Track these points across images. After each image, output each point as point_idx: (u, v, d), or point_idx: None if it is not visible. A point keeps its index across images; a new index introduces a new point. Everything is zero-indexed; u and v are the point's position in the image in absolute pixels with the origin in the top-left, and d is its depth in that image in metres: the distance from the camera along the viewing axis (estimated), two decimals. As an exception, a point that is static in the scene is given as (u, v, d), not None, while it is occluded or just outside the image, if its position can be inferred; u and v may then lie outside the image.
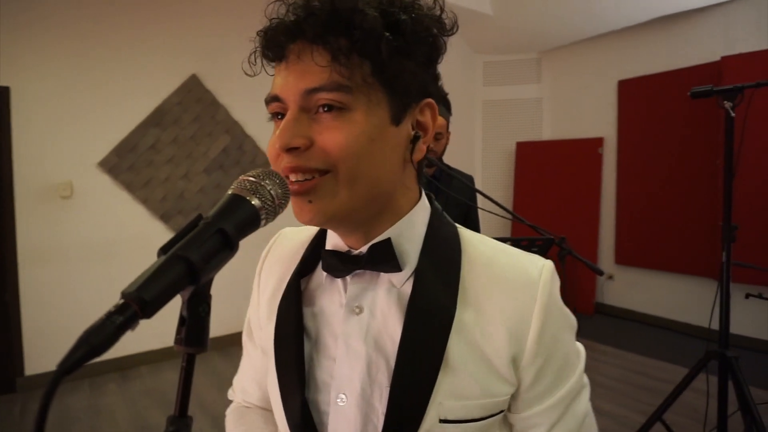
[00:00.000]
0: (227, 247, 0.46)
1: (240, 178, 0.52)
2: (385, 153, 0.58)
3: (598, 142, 5.36)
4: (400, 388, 0.57)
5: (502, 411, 0.62)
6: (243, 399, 0.85)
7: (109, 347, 0.36)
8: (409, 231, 0.63)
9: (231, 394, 0.88)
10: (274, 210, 0.52)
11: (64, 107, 3.54)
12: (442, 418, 0.57)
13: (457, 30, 0.63)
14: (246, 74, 0.66)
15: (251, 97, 4.32)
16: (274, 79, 0.61)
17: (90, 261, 3.67)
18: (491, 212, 2.01)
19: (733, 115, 1.99)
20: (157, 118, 3.88)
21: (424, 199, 0.67)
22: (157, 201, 3.92)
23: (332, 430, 0.61)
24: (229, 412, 0.84)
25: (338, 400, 0.61)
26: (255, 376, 0.81)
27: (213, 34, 4.14)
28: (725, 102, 2.00)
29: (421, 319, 0.59)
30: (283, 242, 0.81)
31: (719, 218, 4.18)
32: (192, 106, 4.04)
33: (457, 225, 0.69)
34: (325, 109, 0.55)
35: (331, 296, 0.66)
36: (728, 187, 2.05)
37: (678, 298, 4.67)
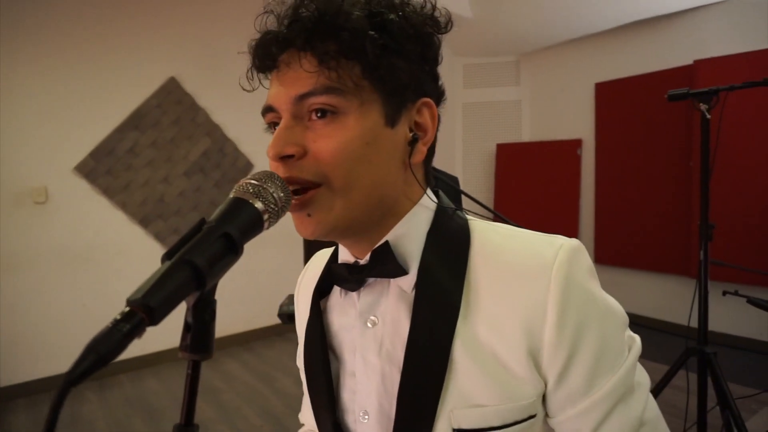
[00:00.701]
0: (232, 251, 0.45)
1: (241, 181, 0.51)
2: (381, 156, 0.57)
3: (576, 144, 5.44)
4: (408, 397, 0.55)
5: (532, 417, 0.55)
6: (306, 424, 0.84)
7: (116, 356, 0.35)
8: (411, 231, 0.61)
9: (301, 417, 0.87)
10: (276, 213, 0.51)
11: (38, 110, 3.45)
12: (456, 427, 0.54)
13: (451, 27, 0.62)
14: (244, 89, 0.65)
15: (232, 100, 4.29)
16: (269, 90, 0.61)
17: (67, 268, 3.59)
18: (476, 213, 2.02)
19: (708, 117, 2.04)
20: (135, 121, 3.81)
21: (426, 198, 0.64)
22: (136, 205, 3.85)
23: None
24: None
25: (362, 419, 0.60)
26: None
27: (193, 36, 4.09)
28: (701, 104, 2.04)
29: (425, 320, 0.56)
30: (313, 265, 0.79)
31: (694, 218, 4.29)
32: (171, 109, 3.98)
33: (471, 217, 0.66)
34: (318, 115, 0.55)
35: (347, 311, 0.65)
36: (705, 187, 2.10)
37: (656, 296, 4.77)
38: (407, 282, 0.59)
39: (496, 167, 5.98)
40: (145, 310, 0.38)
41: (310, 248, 4.83)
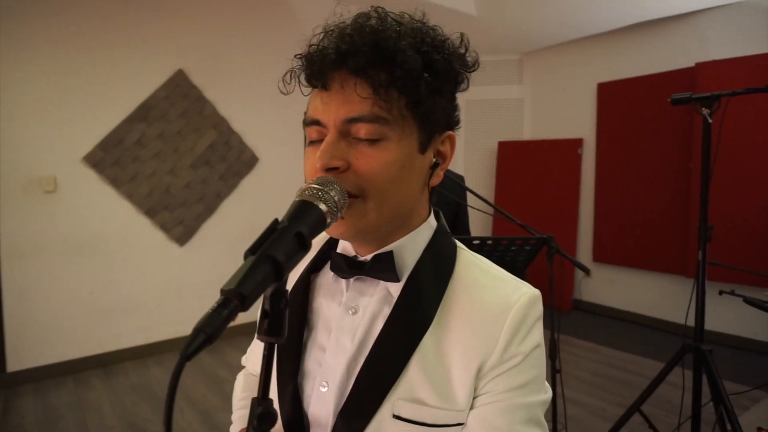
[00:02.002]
0: (303, 248, 0.51)
1: (303, 186, 0.57)
2: (412, 178, 0.65)
3: (577, 143, 5.50)
4: (365, 379, 0.63)
5: (460, 424, 0.63)
6: (252, 369, 0.93)
7: (219, 335, 0.41)
8: (411, 245, 0.69)
9: (244, 360, 0.96)
10: (336, 213, 0.57)
11: (48, 101, 3.49)
12: (395, 414, 0.61)
13: (478, 67, 0.70)
14: (282, 93, 0.70)
15: (238, 94, 4.33)
16: (311, 103, 0.66)
17: (74, 256, 3.64)
18: (480, 210, 2.09)
19: (710, 121, 2.09)
20: (143, 113, 3.85)
21: (432, 218, 0.73)
22: (142, 196, 3.90)
23: (312, 412, 0.67)
24: (239, 376, 0.94)
25: (321, 387, 0.67)
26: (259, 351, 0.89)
27: (200, 29, 4.12)
28: (703, 109, 2.10)
29: (400, 323, 0.65)
30: None
31: (692, 218, 4.36)
32: (179, 102, 4.02)
33: (461, 246, 0.74)
34: (362, 138, 0.61)
35: (333, 294, 0.72)
36: (705, 189, 2.16)
37: (653, 294, 4.84)
38: (395, 287, 0.67)
39: (497, 165, 6.04)
40: (238, 297, 0.43)
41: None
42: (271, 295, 0.49)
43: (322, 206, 0.55)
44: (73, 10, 3.53)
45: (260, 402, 0.48)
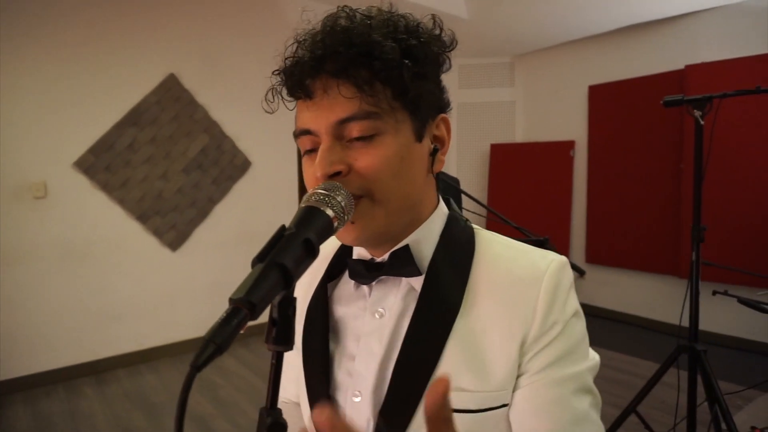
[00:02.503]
0: (311, 255, 0.50)
1: (309, 192, 0.57)
2: (413, 169, 0.64)
3: (569, 145, 5.53)
4: (400, 377, 0.62)
5: (504, 405, 0.61)
6: (283, 396, 0.89)
7: (230, 345, 0.40)
8: (426, 236, 0.68)
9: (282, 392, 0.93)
10: (343, 219, 0.56)
11: (37, 106, 3.45)
12: None
13: (456, 45, 0.69)
14: (266, 112, 0.70)
15: (230, 98, 4.32)
16: (298, 114, 0.65)
17: (65, 262, 3.60)
18: (475, 213, 2.09)
19: (702, 123, 2.11)
20: (134, 118, 3.82)
21: (442, 206, 0.72)
22: (134, 201, 3.87)
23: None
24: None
25: (354, 398, 0.65)
26: (292, 373, 0.86)
27: (192, 33, 4.10)
28: (695, 111, 2.11)
29: (427, 314, 0.63)
30: None
31: (684, 219, 4.39)
32: (170, 106, 4.00)
33: (477, 227, 0.73)
34: (357, 138, 0.60)
35: (356, 301, 0.70)
36: (697, 190, 2.17)
37: (646, 295, 4.87)
38: (418, 282, 0.66)
39: (490, 167, 6.05)
40: (248, 306, 0.42)
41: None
42: (279, 303, 0.48)
43: (329, 212, 0.54)
44: (63, 15, 3.50)
45: (269, 413, 0.47)
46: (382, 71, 0.59)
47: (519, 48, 5.69)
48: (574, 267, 2.04)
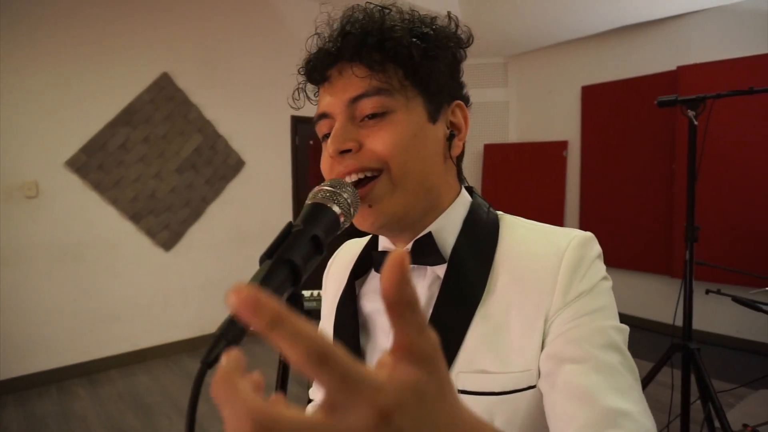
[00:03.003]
0: (319, 251, 0.50)
1: (315, 189, 0.57)
2: (428, 148, 0.65)
3: (562, 145, 5.55)
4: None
5: (531, 387, 0.59)
6: (316, 399, 0.89)
7: (241, 341, 0.40)
8: (449, 224, 0.68)
9: (311, 393, 0.92)
10: (349, 215, 0.56)
11: (29, 104, 3.42)
12: (460, 388, 0.60)
13: (472, 42, 0.70)
14: (291, 107, 0.72)
15: (224, 97, 4.30)
16: (319, 101, 0.68)
17: (57, 263, 3.57)
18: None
19: (696, 123, 2.12)
20: (127, 117, 3.80)
21: (464, 193, 0.73)
22: (127, 201, 3.84)
23: None
24: (309, 410, 0.90)
25: None
26: None
27: (186, 32, 4.08)
28: (689, 111, 2.13)
29: (449, 299, 0.64)
30: (343, 252, 0.86)
31: (677, 219, 4.43)
32: (163, 105, 3.97)
33: (502, 213, 0.73)
34: (370, 116, 0.62)
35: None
36: (691, 190, 2.19)
37: (639, 295, 4.90)
38: (443, 269, 0.66)
39: (483, 167, 6.07)
40: None
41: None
42: (288, 300, 0.47)
43: (336, 208, 0.54)
44: (56, 14, 3.47)
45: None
46: (393, 51, 0.62)
47: (512, 49, 5.72)
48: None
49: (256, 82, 4.47)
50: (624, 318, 0.61)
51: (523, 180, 5.79)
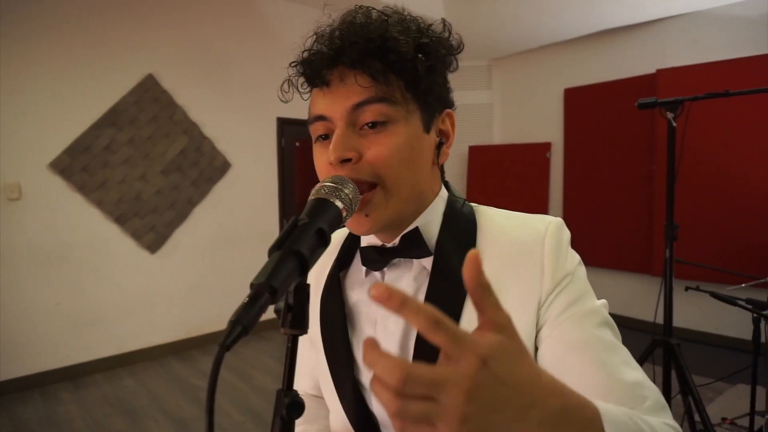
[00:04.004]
0: (324, 244, 0.53)
1: (318, 185, 0.59)
2: (421, 158, 0.67)
3: (545, 147, 5.64)
4: (422, 351, 0.65)
5: None
6: (298, 389, 0.92)
7: (254, 326, 0.42)
8: (431, 218, 0.71)
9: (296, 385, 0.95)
10: (351, 210, 0.59)
11: (12, 105, 3.38)
12: None
13: (462, 49, 0.73)
14: (281, 100, 0.74)
15: (209, 99, 4.29)
16: (313, 102, 0.69)
17: (40, 266, 3.53)
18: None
19: (674, 125, 2.19)
20: (112, 118, 3.77)
21: (443, 190, 0.76)
22: (112, 203, 3.81)
23: (377, 406, 0.69)
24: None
25: None
26: (305, 367, 0.88)
27: (171, 34, 4.07)
28: (668, 113, 2.19)
29: (441, 288, 0.67)
30: None
31: (656, 219, 4.53)
32: (149, 107, 3.95)
33: (475, 204, 0.77)
34: (370, 126, 0.64)
35: (369, 287, 0.73)
36: (670, 189, 2.25)
37: (621, 293, 4.99)
38: (429, 261, 0.69)
39: (468, 169, 6.13)
40: (269, 290, 0.45)
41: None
42: (295, 289, 0.50)
43: (338, 203, 0.57)
44: (38, 14, 3.43)
45: (286, 393, 0.49)
46: (397, 63, 0.63)
47: (496, 51, 5.79)
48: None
49: (242, 83, 4.47)
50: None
51: (507, 181, 5.86)
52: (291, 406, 0.48)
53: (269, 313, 4.82)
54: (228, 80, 4.39)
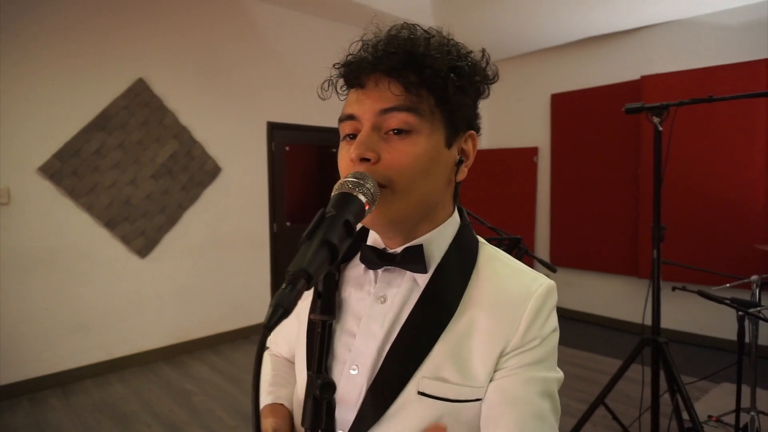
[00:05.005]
0: (350, 234, 0.56)
1: (340, 181, 0.62)
2: (438, 171, 0.71)
3: (533, 151, 5.72)
4: (393, 359, 0.69)
5: (478, 399, 0.68)
6: (275, 350, 0.97)
7: (293, 309, 0.45)
8: (439, 239, 0.74)
9: (268, 342, 0.99)
10: (373, 204, 0.62)
11: (1, 108, 3.35)
12: (420, 391, 0.67)
13: (497, 80, 0.77)
14: (320, 98, 0.77)
15: (200, 103, 4.29)
16: (348, 102, 0.72)
17: (29, 271, 3.49)
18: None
19: (660, 129, 2.25)
20: (102, 122, 3.75)
21: (456, 214, 0.79)
22: (102, 208, 3.79)
23: (341, 391, 0.72)
24: (265, 356, 0.97)
25: (351, 370, 0.72)
26: (286, 336, 0.93)
27: (161, 38, 4.06)
28: (654, 117, 2.25)
29: (427, 310, 0.70)
30: None
31: (642, 222, 4.62)
32: (139, 111, 3.94)
33: (482, 240, 0.80)
34: (395, 132, 0.67)
35: (362, 284, 0.77)
36: (657, 192, 2.31)
37: (608, 295, 5.07)
38: (422, 278, 0.73)
39: (457, 173, 6.18)
40: (305, 276, 0.48)
41: (277, 253, 4.84)
42: (324, 276, 0.53)
43: (362, 197, 0.60)
44: (28, 17, 3.42)
45: (318, 375, 0.52)
46: (430, 79, 0.67)
47: (484, 57, 5.86)
48: (545, 264, 2.15)
49: (232, 88, 4.47)
50: (593, 317, 0.71)
51: (495, 185, 5.93)
52: (324, 386, 0.51)
53: (262, 317, 4.82)
54: (218, 85, 4.39)
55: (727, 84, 4.06)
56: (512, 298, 0.70)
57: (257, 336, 4.65)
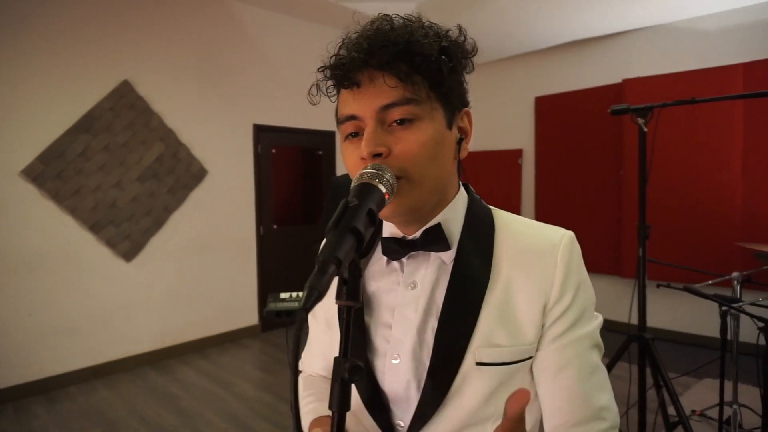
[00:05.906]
0: (373, 224, 0.57)
1: (359, 173, 0.64)
2: (445, 153, 0.72)
3: (517, 154, 5.79)
4: (444, 339, 0.71)
5: (530, 357, 0.72)
6: (309, 370, 0.97)
7: (326, 292, 0.47)
8: (454, 215, 0.76)
9: (301, 365, 1.00)
10: (392, 194, 0.64)
11: (-18, 111, 3.30)
12: (478, 361, 0.69)
13: (476, 53, 0.79)
14: (310, 103, 0.78)
15: (185, 105, 4.26)
16: (342, 102, 0.73)
17: (12, 276, 3.43)
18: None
19: (645, 130, 2.31)
20: (87, 124, 3.71)
21: (463, 189, 0.81)
22: (87, 211, 3.74)
23: (388, 385, 0.73)
24: (300, 379, 0.96)
25: (393, 360, 0.73)
26: (319, 348, 0.93)
27: (147, 40, 4.03)
28: (639, 119, 2.31)
29: (461, 285, 0.72)
30: None
31: (625, 222, 4.70)
32: (124, 113, 3.90)
33: (493, 207, 0.83)
34: (398, 122, 0.68)
35: (388, 276, 0.78)
36: (642, 191, 2.37)
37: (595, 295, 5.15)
38: (448, 256, 0.74)
39: (442, 175, 6.23)
40: (336, 262, 0.49)
41: (264, 255, 4.82)
42: (350, 264, 0.54)
43: (381, 187, 0.62)
44: (11, 17, 3.36)
45: (344, 359, 0.53)
46: (422, 65, 0.68)
47: (469, 60, 5.92)
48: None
49: (219, 90, 4.45)
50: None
51: (480, 187, 5.90)
52: (353, 369, 0.52)
53: (249, 320, 4.79)
54: (205, 87, 4.37)
55: (705, 87, 4.16)
56: (539, 252, 0.73)
57: (245, 339, 4.63)
